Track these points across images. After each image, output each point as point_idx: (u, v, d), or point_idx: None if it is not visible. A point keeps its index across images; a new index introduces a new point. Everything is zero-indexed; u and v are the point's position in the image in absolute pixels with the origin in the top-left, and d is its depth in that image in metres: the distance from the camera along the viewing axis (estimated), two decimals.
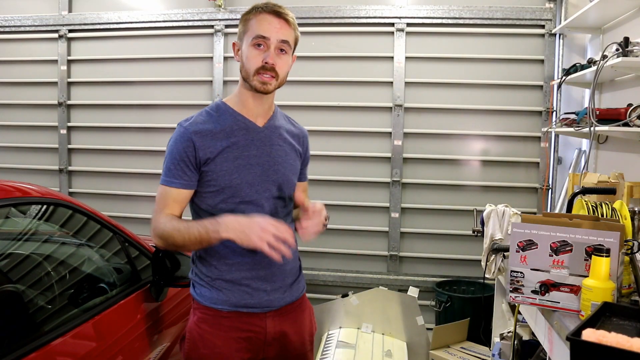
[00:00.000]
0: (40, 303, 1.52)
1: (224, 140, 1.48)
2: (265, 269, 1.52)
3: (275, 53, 1.46)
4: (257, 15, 1.46)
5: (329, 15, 3.76)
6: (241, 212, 1.45)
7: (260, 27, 1.45)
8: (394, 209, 3.76)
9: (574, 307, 1.44)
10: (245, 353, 1.53)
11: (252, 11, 1.48)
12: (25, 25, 4.15)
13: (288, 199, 1.60)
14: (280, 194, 1.55)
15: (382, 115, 3.78)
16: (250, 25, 1.47)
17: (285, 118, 1.66)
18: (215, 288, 1.51)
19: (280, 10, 1.47)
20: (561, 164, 3.63)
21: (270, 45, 1.45)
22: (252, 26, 1.46)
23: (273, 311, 1.55)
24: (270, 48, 1.45)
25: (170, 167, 1.48)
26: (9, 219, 1.60)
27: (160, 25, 3.97)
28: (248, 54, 1.46)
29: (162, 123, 4.01)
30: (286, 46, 1.47)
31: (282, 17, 1.46)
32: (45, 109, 4.19)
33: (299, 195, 1.61)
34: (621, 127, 2.40)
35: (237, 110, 1.53)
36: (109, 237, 1.90)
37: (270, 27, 1.45)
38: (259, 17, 1.46)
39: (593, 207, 1.70)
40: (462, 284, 3.68)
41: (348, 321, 3.29)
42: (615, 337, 1.05)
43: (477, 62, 3.68)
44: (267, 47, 1.45)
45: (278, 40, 1.45)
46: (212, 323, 1.51)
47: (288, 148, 1.59)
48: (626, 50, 2.33)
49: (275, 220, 1.37)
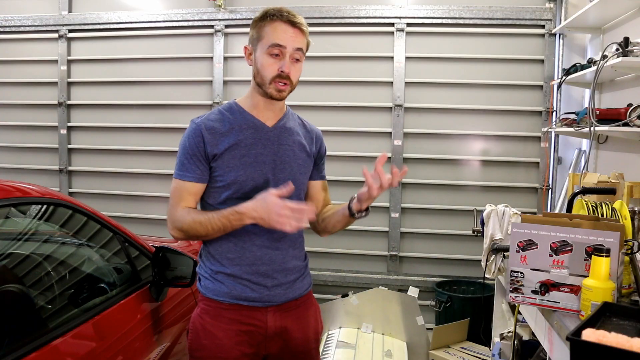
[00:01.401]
0: (40, 303, 1.52)
1: (231, 137, 1.52)
2: (266, 265, 1.54)
3: (290, 61, 1.49)
4: (272, 23, 1.49)
5: (329, 15, 3.77)
6: None
7: (276, 35, 1.47)
8: (394, 209, 3.76)
9: (574, 307, 1.44)
10: (247, 347, 1.54)
11: (266, 17, 1.50)
12: (25, 25, 4.15)
13: (297, 197, 1.62)
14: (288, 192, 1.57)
15: (382, 115, 3.79)
16: (265, 33, 1.49)
17: (298, 119, 1.69)
18: (217, 281, 1.56)
19: (295, 20, 1.49)
20: (561, 164, 3.63)
21: (286, 54, 1.48)
22: (267, 33, 1.48)
23: (274, 306, 1.57)
24: (286, 57, 1.48)
25: (184, 162, 1.53)
26: (9, 219, 1.60)
27: (160, 25, 3.98)
28: (264, 62, 1.49)
29: (162, 123, 4.01)
30: (300, 54, 1.52)
31: (297, 26, 1.49)
32: (45, 109, 4.19)
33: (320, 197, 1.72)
34: (621, 127, 2.40)
35: (248, 111, 1.58)
36: (109, 237, 1.90)
37: (286, 37, 1.48)
38: (274, 25, 1.48)
39: (593, 207, 1.70)
40: (462, 284, 3.68)
41: (348, 321, 3.30)
42: (615, 337, 1.05)
43: (477, 62, 3.69)
44: (283, 56, 1.48)
45: (294, 49, 1.49)
46: (214, 315, 1.55)
47: (297, 148, 1.61)
48: (626, 50, 2.33)
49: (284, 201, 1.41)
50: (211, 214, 1.49)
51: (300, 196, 1.65)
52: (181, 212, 1.51)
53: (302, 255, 1.67)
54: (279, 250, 1.57)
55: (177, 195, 1.54)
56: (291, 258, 1.59)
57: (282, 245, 1.57)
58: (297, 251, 1.63)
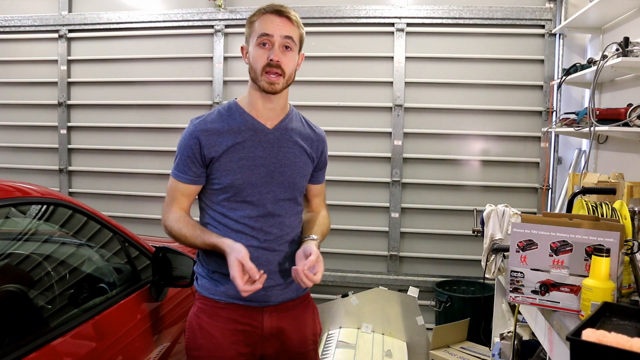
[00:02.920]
0: (40, 303, 1.52)
1: (229, 139, 1.51)
2: (263, 265, 1.51)
3: (280, 50, 1.48)
4: (260, 17, 1.51)
5: (329, 15, 3.76)
6: (243, 212, 1.52)
7: (263, 26, 1.48)
8: (394, 209, 3.76)
9: (574, 307, 1.44)
10: (242, 347, 1.54)
11: (256, 13, 1.52)
12: (25, 25, 4.15)
13: (297, 201, 1.61)
14: (286, 196, 1.57)
15: (382, 115, 3.78)
16: (254, 27, 1.51)
17: (302, 120, 1.66)
18: (214, 280, 1.56)
19: (281, 8, 1.50)
20: (561, 164, 3.63)
21: (275, 42, 1.47)
22: (256, 27, 1.50)
23: (271, 307, 1.56)
24: (275, 45, 1.47)
25: (179, 162, 1.55)
26: (9, 219, 1.60)
27: (160, 25, 3.97)
28: (254, 54, 1.50)
29: (162, 123, 4.01)
30: (290, 42, 1.50)
31: (284, 15, 1.49)
32: (45, 109, 4.19)
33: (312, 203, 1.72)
34: (621, 127, 2.40)
35: (248, 111, 1.56)
36: (109, 237, 1.90)
37: (272, 25, 1.48)
38: (262, 18, 1.50)
39: (593, 207, 1.70)
40: (462, 284, 3.68)
41: (348, 321, 3.30)
42: (615, 337, 1.05)
43: (477, 62, 3.68)
44: (272, 45, 1.48)
45: (281, 37, 1.48)
46: (210, 313, 1.55)
47: (298, 151, 1.59)
48: (626, 50, 2.33)
49: (238, 269, 1.38)
50: (198, 232, 1.51)
51: (298, 200, 1.63)
52: (172, 216, 1.54)
53: None
54: (276, 251, 1.56)
55: (171, 193, 1.57)
56: (287, 260, 1.57)
57: (279, 246, 1.56)
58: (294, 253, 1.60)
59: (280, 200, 1.56)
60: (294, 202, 1.61)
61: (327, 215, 1.74)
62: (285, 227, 1.57)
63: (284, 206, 1.57)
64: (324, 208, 1.76)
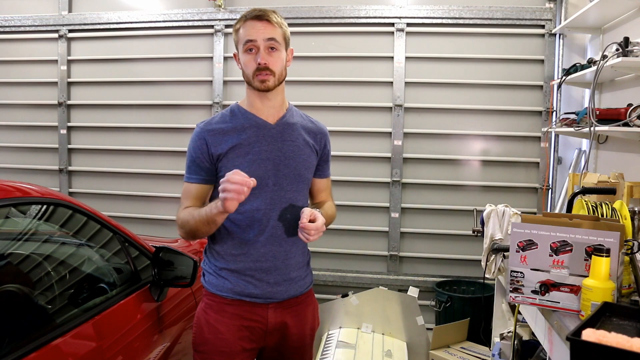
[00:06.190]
0: (40, 303, 1.52)
1: (234, 137, 1.57)
2: (269, 262, 1.58)
3: (265, 52, 1.54)
4: (243, 24, 1.57)
5: (329, 15, 3.76)
6: (250, 206, 1.54)
7: (247, 32, 1.55)
8: (394, 209, 3.76)
9: (574, 307, 1.44)
10: (247, 342, 1.59)
11: (239, 21, 1.59)
12: (25, 25, 4.15)
13: (303, 194, 1.65)
14: (292, 188, 1.61)
15: (382, 115, 3.78)
16: (240, 35, 1.58)
17: (303, 116, 1.72)
18: (221, 277, 1.60)
19: (260, 13, 1.55)
20: (561, 164, 3.63)
21: (259, 46, 1.54)
22: (241, 35, 1.58)
23: (275, 303, 1.61)
24: (260, 49, 1.54)
25: (190, 165, 1.60)
26: (9, 219, 1.60)
27: (160, 25, 3.97)
28: (244, 61, 1.57)
29: (162, 123, 4.01)
30: (274, 43, 1.55)
31: (264, 18, 1.55)
32: (45, 109, 4.19)
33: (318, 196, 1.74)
34: (621, 127, 2.40)
35: (249, 111, 1.62)
36: (109, 237, 1.90)
37: (254, 31, 1.54)
38: (245, 25, 1.57)
39: (593, 207, 1.70)
40: (462, 284, 3.68)
41: (348, 321, 3.29)
42: (615, 337, 1.05)
43: (477, 62, 3.68)
44: (258, 49, 1.55)
45: (264, 40, 1.54)
46: (217, 309, 1.60)
47: (302, 144, 1.64)
48: (626, 50, 2.33)
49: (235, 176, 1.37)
50: (196, 213, 1.52)
51: (305, 192, 1.67)
52: (181, 214, 1.58)
53: (305, 252, 1.70)
54: (282, 248, 1.60)
55: (184, 197, 1.61)
56: (294, 255, 1.62)
57: (284, 243, 1.60)
58: (299, 249, 1.65)
59: (286, 192, 1.59)
60: (300, 195, 1.64)
61: (333, 205, 1.77)
62: (292, 221, 1.59)
63: (292, 199, 1.60)
64: (330, 200, 1.79)
